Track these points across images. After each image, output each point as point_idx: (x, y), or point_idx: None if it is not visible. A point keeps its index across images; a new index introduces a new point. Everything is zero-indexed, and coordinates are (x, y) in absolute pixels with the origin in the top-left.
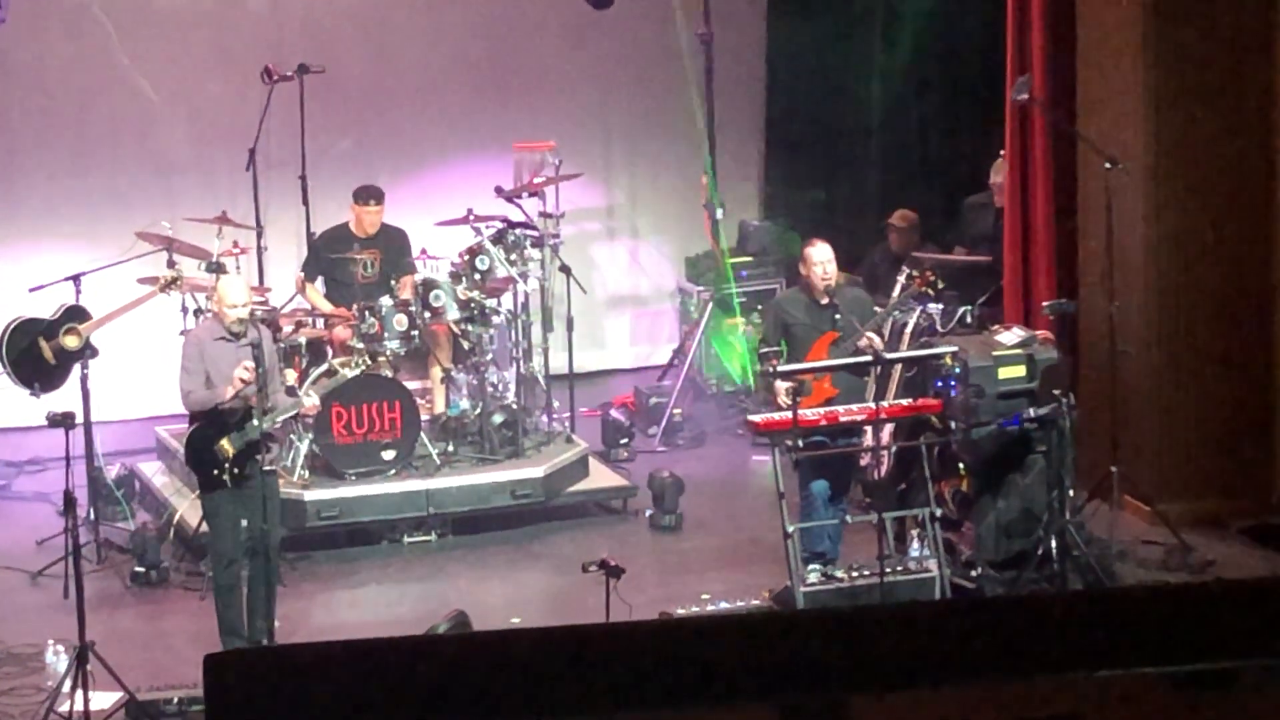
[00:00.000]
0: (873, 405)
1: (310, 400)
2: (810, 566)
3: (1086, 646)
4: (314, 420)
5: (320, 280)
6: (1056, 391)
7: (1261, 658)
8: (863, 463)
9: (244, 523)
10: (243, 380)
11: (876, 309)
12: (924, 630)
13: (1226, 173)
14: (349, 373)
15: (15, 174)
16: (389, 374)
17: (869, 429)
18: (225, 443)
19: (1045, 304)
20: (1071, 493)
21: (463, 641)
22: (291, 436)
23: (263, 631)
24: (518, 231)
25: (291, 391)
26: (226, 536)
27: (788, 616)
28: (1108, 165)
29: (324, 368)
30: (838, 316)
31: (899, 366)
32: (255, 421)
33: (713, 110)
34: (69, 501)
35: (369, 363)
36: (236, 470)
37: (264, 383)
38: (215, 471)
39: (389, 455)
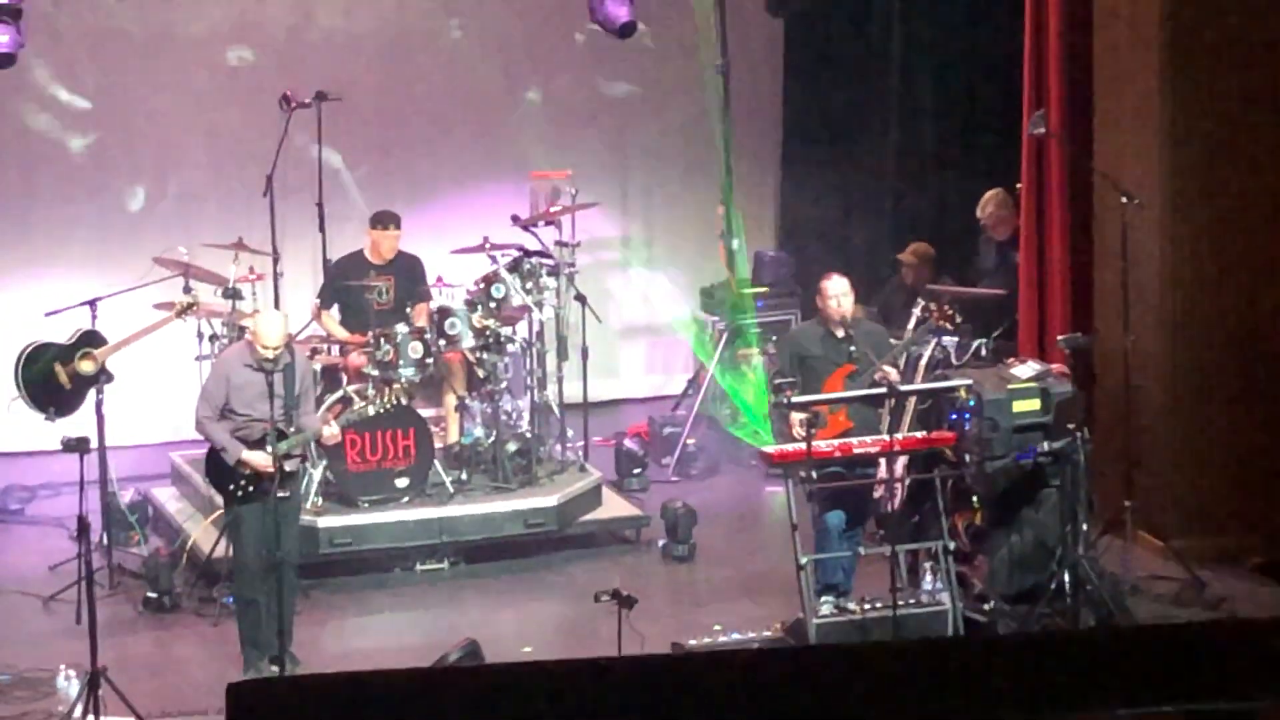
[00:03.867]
0: (887, 437)
1: (330, 430)
2: (823, 598)
3: (1103, 685)
4: (328, 447)
5: (336, 308)
6: (1071, 425)
7: (1277, 696)
8: (876, 495)
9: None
10: (259, 468)
11: (892, 341)
12: (939, 667)
13: (1243, 208)
14: (372, 409)
15: (32, 198)
16: (404, 401)
17: (883, 461)
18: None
19: (1060, 338)
20: (1085, 527)
21: (480, 674)
22: (305, 464)
23: (283, 649)
24: (533, 260)
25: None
26: (249, 548)
27: (800, 651)
28: (1124, 200)
29: (339, 394)
30: (853, 349)
31: (913, 399)
32: (281, 442)
33: (729, 141)
34: (82, 526)
35: (392, 404)
36: (253, 488)
37: (292, 405)
38: (232, 487)
39: (403, 483)
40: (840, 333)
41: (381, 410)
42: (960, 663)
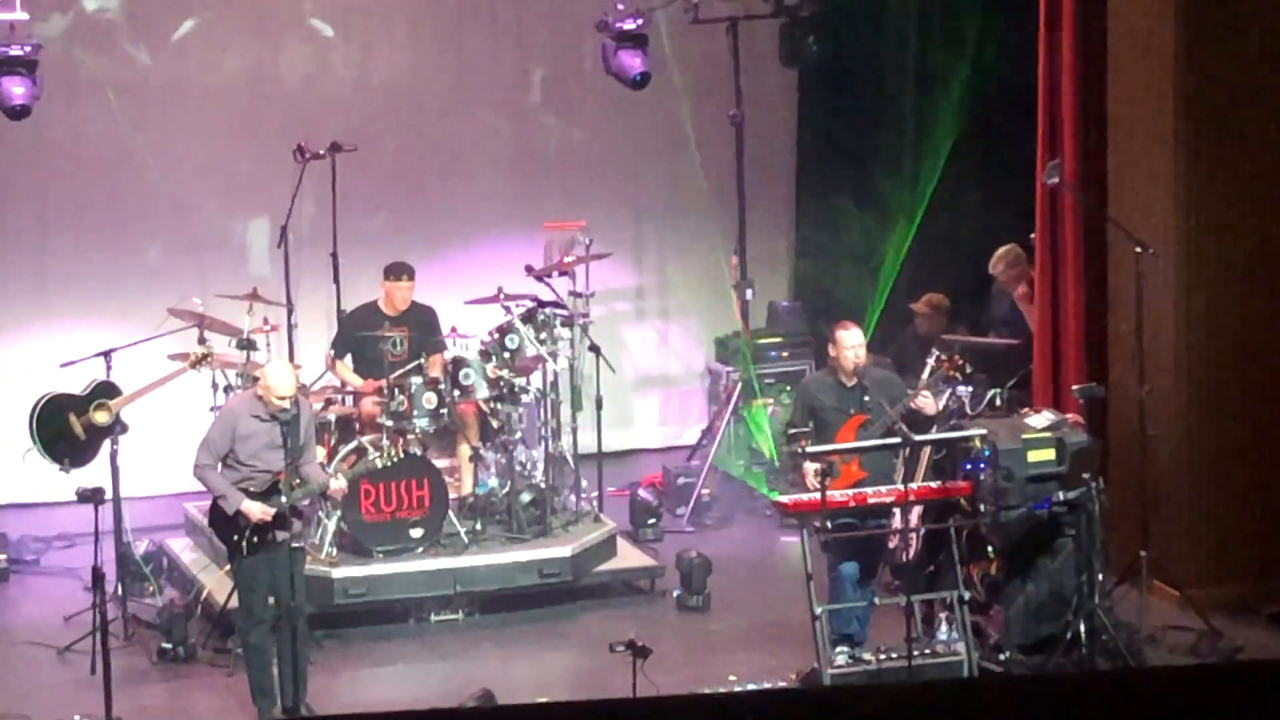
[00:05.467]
0: (901, 487)
1: (337, 483)
2: (838, 649)
3: None
4: (342, 497)
5: (349, 358)
6: (1086, 475)
7: None
8: (891, 545)
9: (271, 600)
10: (260, 517)
11: (909, 391)
12: (953, 710)
13: (1257, 257)
14: (380, 462)
15: (48, 249)
16: (418, 452)
17: (897, 511)
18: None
19: (1075, 387)
20: (1101, 577)
21: (493, 714)
22: (320, 514)
23: (297, 699)
24: (547, 310)
25: (324, 468)
26: (255, 597)
27: (815, 694)
28: (1138, 249)
29: (353, 444)
30: (866, 399)
31: (928, 449)
32: (283, 495)
33: (743, 191)
34: (97, 577)
35: (402, 455)
36: (257, 539)
37: (296, 455)
38: (236, 538)
39: (417, 533)
40: (851, 382)
41: (388, 463)
42: (971, 704)
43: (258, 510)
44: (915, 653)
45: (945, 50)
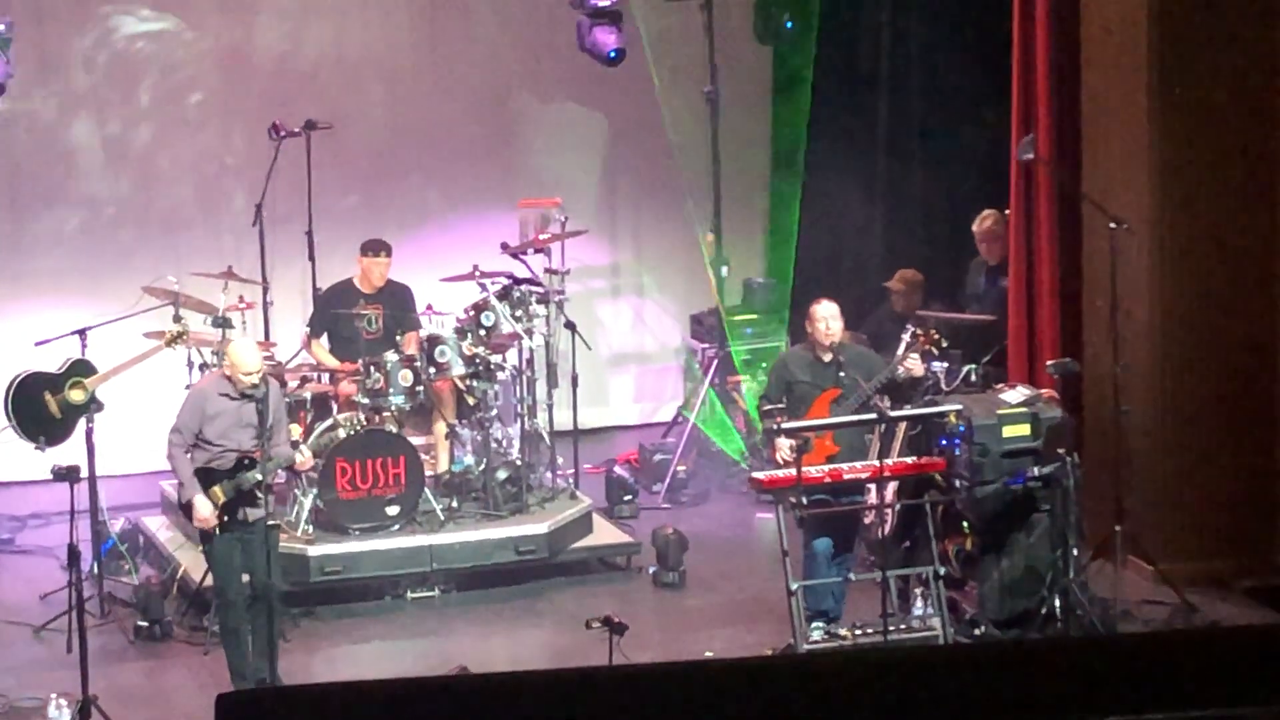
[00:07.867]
0: (877, 463)
1: (303, 456)
2: (814, 625)
3: (1092, 693)
4: (318, 475)
5: (325, 336)
6: (1061, 450)
7: (1266, 704)
8: (866, 521)
9: (245, 578)
10: (201, 522)
11: (886, 366)
12: (926, 678)
13: (1232, 232)
14: (343, 431)
15: (23, 228)
16: (394, 429)
17: (873, 487)
18: (217, 489)
19: (1050, 363)
20: (1075, 552)
21: (472, 682)
22: (296, 491)
23: (270, 678)
24: (523, 288)
25: (295, 445)
26: (229, 580)
27: (790, 662)
28: (1112, 225)
29: (328, 423)
30: (841, 374)
31: (903, 424)
32: (251, 471)
33: (718, 168)
34: (73, 555)
35: (363, 422)
36: (226, 517)
37: (268, 434)
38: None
39: (393, 511)
40: (827, 358)
41: (350, 432)
42: (944, 672)
43: (206, 512)
44: (891, 628)
45: (920, 26)
